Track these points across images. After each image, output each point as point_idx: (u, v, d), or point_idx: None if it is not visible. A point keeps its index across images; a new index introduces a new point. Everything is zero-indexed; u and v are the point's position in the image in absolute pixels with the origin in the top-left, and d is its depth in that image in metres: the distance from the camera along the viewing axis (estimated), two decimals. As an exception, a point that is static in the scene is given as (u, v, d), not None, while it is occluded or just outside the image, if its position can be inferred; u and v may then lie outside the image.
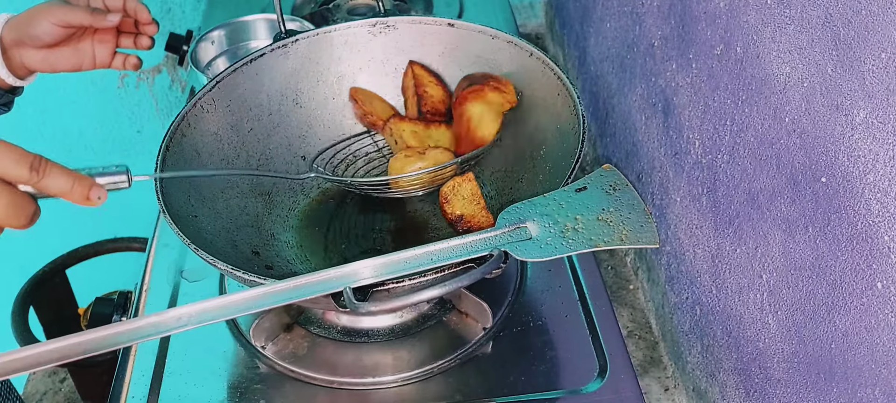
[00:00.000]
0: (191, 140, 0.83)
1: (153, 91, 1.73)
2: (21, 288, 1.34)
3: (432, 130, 0.91)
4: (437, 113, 0.93)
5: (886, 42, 0.47)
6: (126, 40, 0.85)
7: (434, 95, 0.93)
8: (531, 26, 1.53)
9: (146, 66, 1.68)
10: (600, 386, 0.78)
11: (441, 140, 0.91)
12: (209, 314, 0.59)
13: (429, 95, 0.93)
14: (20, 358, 0.54)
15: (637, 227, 0.70)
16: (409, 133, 0.91)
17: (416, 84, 0.94)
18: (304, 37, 0.92)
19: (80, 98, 1.63)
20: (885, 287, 0.50)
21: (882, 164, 0.49)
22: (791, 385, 0.64)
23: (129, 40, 0.85)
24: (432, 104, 0.93)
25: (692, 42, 0.77)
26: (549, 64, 0.85)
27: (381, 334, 0.83)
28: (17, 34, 0.79)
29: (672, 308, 0.89)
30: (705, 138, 0.76)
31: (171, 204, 0.74)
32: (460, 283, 0.63)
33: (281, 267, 0.84)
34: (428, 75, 0.94)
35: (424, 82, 0.94)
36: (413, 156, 0.87)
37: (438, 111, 0.93)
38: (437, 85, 0.94)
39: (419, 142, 0.91)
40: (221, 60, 1.11)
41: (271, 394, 0.78)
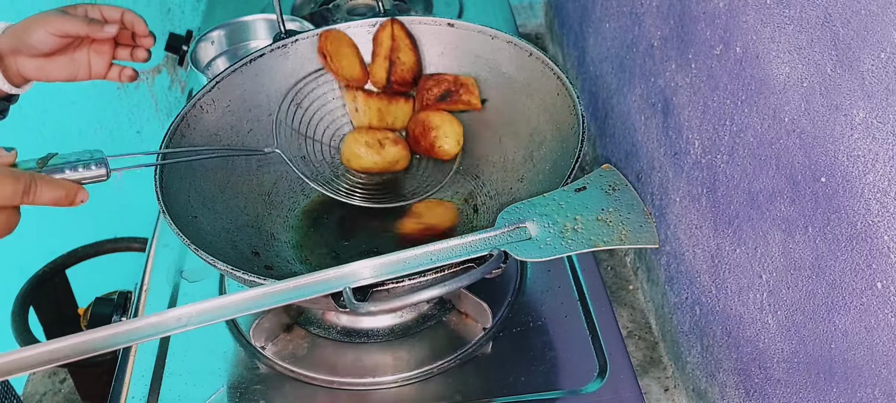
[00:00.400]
0: (190, 140, 0.83)
1: (153, 91, 1.73)
2: (21, 288, 1.34)
3: (393, 106, 0.92)
4: (404, 83, 0.92)
5: (885, 42, 0.47)
6: (122, 52, 0.85)
7: (406, 62, 0.92)
8: (531, 26, 1.53)
9: (146, 66, 1.68)
10: (600, 387, 0.78)
11: (399, 117, 0.92)
12: (209, 314, 0.59)
13: (400, 62, 0.92)
14: (20, 358, 0.54)
15: (636, 227, 0.70)
16: (374, 111, 0.92)
17: (392, 47, 0.92)
18: (304, 37, 0.92)
19: (80, 98, 1.63)
20: (884, 287, 0.50)
21: (881, 164, 0.49)
22: (791, 384, 0.64)
23: (125, 52, 0.85)
24: (401, 73, 0.92)
25: (691, 42, 0.77)
26: (548, 64, 0.85)
27: (381, 334, 0.83)
28: (14, 42, 0.79)
29: (672, 308, 0.89)
30: (705, 138, 0.76)
31: (170, 205, 0.74)
32: (460, 283, 0.63)
33: (281, 268, 0.84)
34: (405, 38, 0.92)
35: (400, 46, 0.92)
36: (373, 148, 0.90)
37: (406, 80, 0.92)
38: (411, 50, 0.92)
39: (379, 118, 0.92)
40: (221, 60, 1.11)
41: (271, 394, 0.78)
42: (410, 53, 0.92)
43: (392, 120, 0.93)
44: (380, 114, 0.92)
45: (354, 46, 0.94)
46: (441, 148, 0.90)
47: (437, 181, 0.90)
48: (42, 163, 0.67)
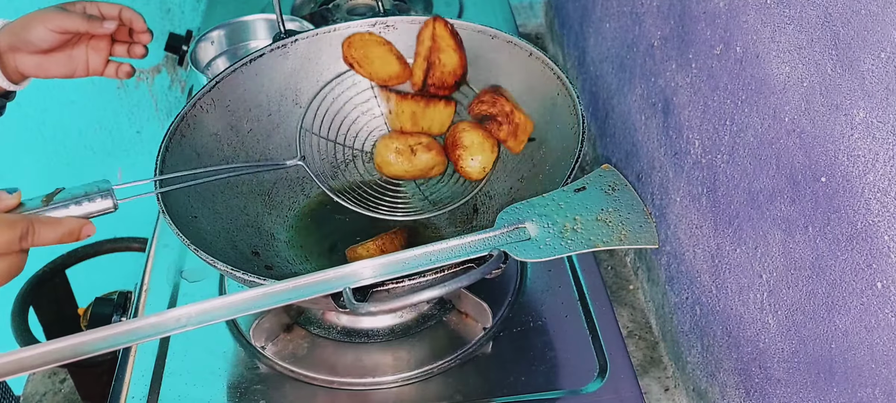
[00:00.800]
0: (190, 141, 0.83)
1: (153, 91, 1.73)
2: (21, 289, 1.35)
3: (431, 109, 0.85)
4: (442, 86, 0.86)
5: (885, 42, 0.47)
6: (120, 48, 0.85)
7: (447, 65, 0.85)
8: (531, 26, 1.53)
9: (146, 66, 1.68)
10: (600, 386, 0.77)
11: (436, 121, 0.86)
12: (209, 314, 0.59)
13: (440, 64, 0.85)
14: (20, 359, 0.54)
15: (636, 228, 0.70)
16: (408, 114, 0.86)
17: (432, 47, 0.85)
18: (304, 37, 0.92)
19: (79, 98, 1.63)
20: (884, 286, 0.50)
21: (881, 164, 0.49)
22: (791, 384, 0.64)
23: (122, 48, 0.85)
24: (441, 76, 0.85)
25: (692, 42, 0.77)
26: (548, 64, 0.85)
27: (381, 334, 0.83)
28: (12, 39, 0.79)
29: (672, 308, 0.89)
30: (705, 138, 0.76)
31: (170, 205, 0.74)
32: (460, 283, 0.63)
33: (281, 268, 0.84)
34: (448, 38, 0.85)
35: (441, 46, 0.85)
36: (404, 154, 0.85)
37: (446, 84, 0.86)
38: (454, 51, 0.85)
39: (413, 122, 0.86)
40: (221, 60, 1.11)
41: (271, 394, 0.78)
42: (453, 55, 0.85)
43: (428, 124, 0.87)
44: (414, 118, 0.86)
45: (386, 44, 0.88)
46: (463, 169, 0.85)
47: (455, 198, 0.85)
48: (47, 201, 0.66)
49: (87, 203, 0.67)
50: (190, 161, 0.82)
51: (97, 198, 0.67)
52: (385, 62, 0.88)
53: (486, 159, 0.84)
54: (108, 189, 0.67)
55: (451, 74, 0.85)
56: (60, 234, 0.65)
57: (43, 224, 0.64)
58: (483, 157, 0.84)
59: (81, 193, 0.67)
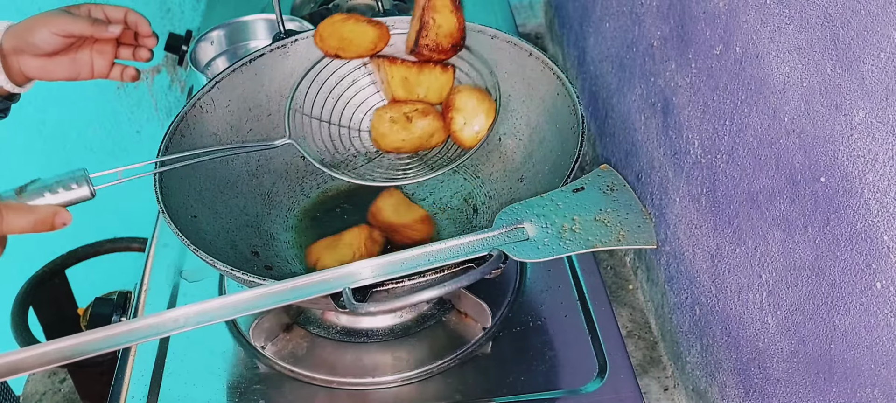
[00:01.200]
0: (190, 140, 0.83)
1: (152, 91, 1.73)
2: (21, 289, 1.34)
3: (426, 75, 0.81)
4: (437, 49, 0.80)
5: (885, 42, 0.47)
6: (125, 51, 0.85)
7: (442, 26, 0.79)
8: (531, 26, 1.53)
9: (145, 66, 1.68)
10: (600, 386, 0.77)
11: (433, 88, 0.81)
12: (208, 315, 0.59)
13: (434, 25, 0.79)
14: (20, 359, 0.54)
15: (635, 228, 0.70)
16: (399, 80, 0.82)
17: (427, 6, 0.79)
18: (304, 37, 0.92)
19: (79, 98, 1.63)
20: (884, 286, 0.50)
21: (881, 164, 0.49)
22: (790, 384, 0.64)
23: (127, 52, 0.85)
24: (435, 38, 0.80)
25: (691, 42, 0.77)
26: (548, 63, 0.85)
27: (381, 334, 0.83)
28: (17, 42, 0.79)
29: (671, 308, 0.89)
30: (705, 138, 0.76)
31: (170, 205, 0.74)
32: (459, 284, 0.63)
33: (280, 268, 0.84)
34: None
35: (437, 6, 0.79)
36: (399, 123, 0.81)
37: (440, 47, 0.80)
38: (452, 12, 0.79)
39: (406, 89, 0.82)
40: (221, 60, 1.11)
41: (271, 394, 0.78)
42: (450, 16, 0.79)
43: (424, 91, 0.82)
44: (406, 84, 0.81)
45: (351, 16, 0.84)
46: (455, 133, 0.81)
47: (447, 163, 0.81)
48: (20, 191, 0.65)
49: (62, 190, 0.65)
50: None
51: (72, 186, 0.65)
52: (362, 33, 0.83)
53: (480, 124, 0.79)
54: (84, 175, 0.66)
55: (448, 36, 0.80)
56: (32, 221, 0.63)
57: (13, 210, 0.62)
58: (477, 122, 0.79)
59: (56, 181, 0.65)
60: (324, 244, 0.82)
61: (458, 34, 0.81)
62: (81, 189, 0.66)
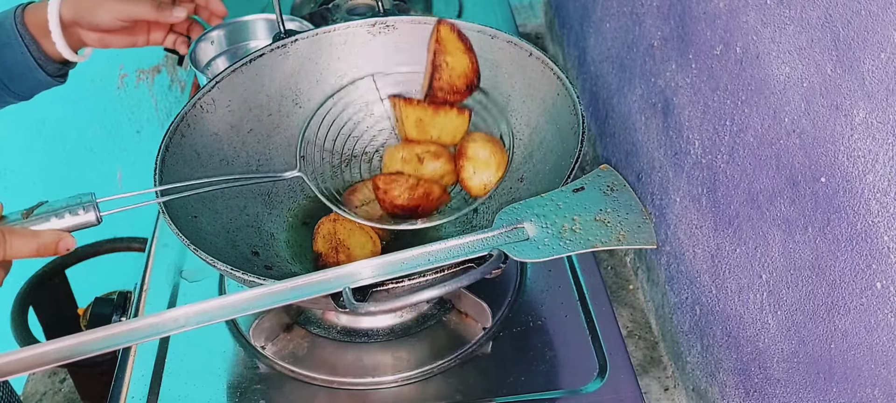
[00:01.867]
0: (190, 141, 0.83)
1: (152, 91, 1.73)
2: (20, 288, 1.34)
3: (440, 117, 0.81)
4: (451, 90, 0.80)
5: (886, 42, 0.47)
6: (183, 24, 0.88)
7: (455, 68, 0.79)
8: (531, 26, 1.53)
9: (145, 65, 1.68)
10: (600, 386, 0.77)
11: (447, 130, 0.81)
12: (208, 314, 0.59)
13: (447, 67, 0.79)
14: (20, 359, 0.54)
15: (635, 228, 0.70)
16: (413, 121, 0.81)
17: (437, 51, 0.79)
18: (304, 37, 0.92)
19: (79, 98, 1.63)
20: (884, 287, 0.50)
21: (881, 164, 0.49)
22: (791, 384, 0.64)
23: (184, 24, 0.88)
24: (448, 80, 0.80)
25: (692, 42, 0.77)
26: (548, 64, 0.85)
27: (381, 334, 0.83)
28: (77, 15, 0.82)
29: (672, 308, 0.89)
30: (705, 138, 0.76)
31: (170, 205, 0.74)
32: (459, 283, 0.63)
33: (280, 268, 0.84)
34: (456, 41, 0.80)
35: (448, 49, 0.79)
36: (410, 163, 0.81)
37: (455, 88, 0.80)
38: (464, 53, 0.80)
39: (420, 130, 0.82)
40: (221, 60, 1.11)
41: (271, 394, 0.78)
42: (462, 57, 0.79)
43: (437, 133, 0.82)
44: (420, 125, 0.81)
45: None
46: (463, 180, 0.81)
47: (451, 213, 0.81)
48: (27, 214, 0.65)
49: (68, 216, 0.65)
50: (190, 161, 0.82)
51: (79, 211, 0.65)
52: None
53: (489, 176, 0.80)
54: (92, 201, 0.66)
55: (462, 77, 0.80)
56: (35, 246, 0.63)
57: (17, 235, 0.62)
58: (487, 174, 0.80)
59: (63, 206, 0.65)
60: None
61: (472, 73, 0.81)
62: (87, 215, 0.65)
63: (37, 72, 0.83)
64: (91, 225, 0.66)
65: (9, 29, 0.80)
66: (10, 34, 0.80)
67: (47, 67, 0.84)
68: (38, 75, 0.83)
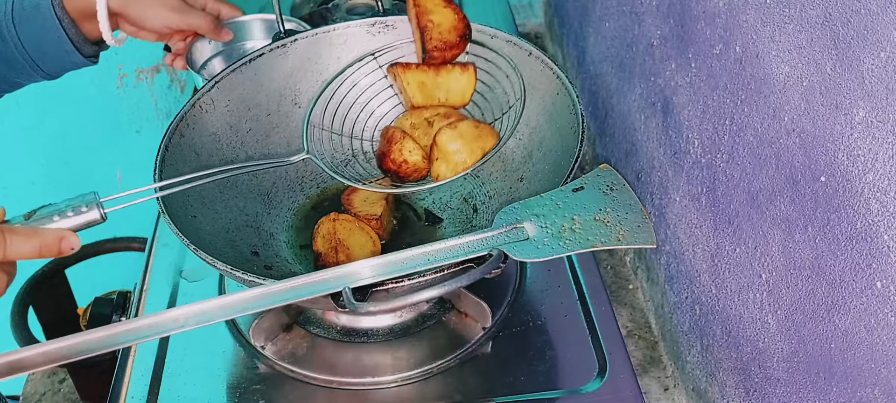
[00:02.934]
0: (189, 140, 0.83)
1: (152, 91, 1.73)
2: (20, 288, 1.34)
3: (443, 77, 0.80)
4: (446, 46, 0.79)
5: (885, 41, 0.47)
6: None
7: (442, 23, 0.78)
8: (530, 26, 1.53)
9: (145, 65, 1.68)
10: (600, 386, 0.77)
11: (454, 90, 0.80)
12: (208, 314, 0.59)
13: (435, 26, 0.78)
14: (20, 359, 0.54)
15: (634, 228, 0.70)
16: (416, 85, 0.80)
17: (418, 14, 0.79)
18: (303, 37, 0.92)
19: (79, 98, 1.63)
20: (884, 286, 0.50)
21: (881, 163, 0.49)
22: (791, 384, 0.64)
23: None
24: (440, 36, 0.79)
25: (691, 41, 0.77)
26: (548, 63, 0.85)
27: (381, 334, 0.83)
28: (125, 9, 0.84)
29: (671, 307, 0.89)
30: (704, 138, 0.76)
31: (170, 205, 0.74)
32: (459, 283, 0.63)
33: (280, 267, 0.84)
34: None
35: (428, 9, 0.78)
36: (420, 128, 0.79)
37: (449, 43, 0.79)
38: (445, 7, 0.79)
39: (425, 95, 0.80)
40: (217, 61, 1.11)
41: (271, 394, 0.78)
42: (445, 11, 0.78)
43: (444, 96, 0.80)
44: (425, 90, 0.79)
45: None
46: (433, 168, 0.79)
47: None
48: (29, 216, 0.64)
49: (72, 214, 0.64)
50: (189, 161, 0.82)
51: (82, 209, 0.64)
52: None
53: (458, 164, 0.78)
54: (95, 200, 0.65)
55: (451, 30, 0.79)
56: (37, 245, 0.61)
57: (17, 234, 0.61)
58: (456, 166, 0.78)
59: (66, 205, 0.64)
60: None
61: (461, 24, 0.80)
62: (91, 212, 0.64)
63: (73, 54, 0.84)
64: (96, 223, 0.65)
65: (46, 11, 0.81)
66: (46, 16, 0.81)
67: (84, 49, 0.85)
68: (74, 57, 0.85)
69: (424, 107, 0.82)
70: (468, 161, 0.77)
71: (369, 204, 0.84)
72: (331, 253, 0.81)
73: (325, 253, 0.81)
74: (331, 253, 0.81)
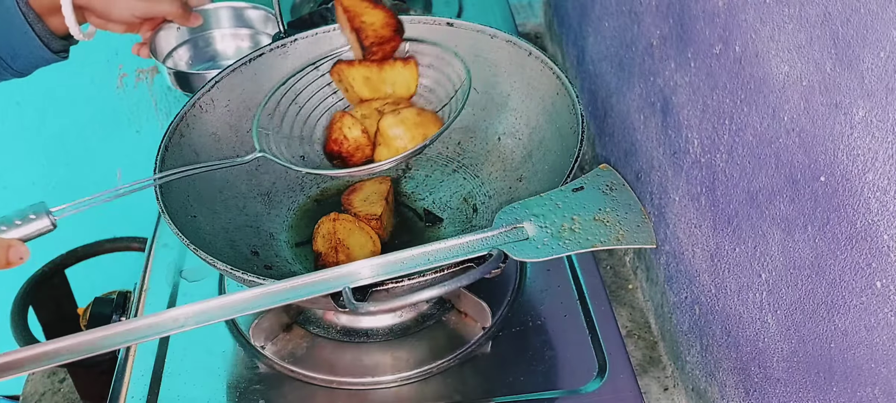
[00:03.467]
0: (189, 140, 0.83)
1: (152, 91, 1.73)
2: (20, 288, 1.34)
3: (387, 71, 0.83)
4: (383, 40, 0.82)
5: (885, 40, 0.47)
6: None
7: (374, 22, 0.82)
8: (530, 26, 1.53)
9: (144, 65, 1.68)
10: (599, 386, 0.77)
11: (399, 83, 0.83)
12: (208, 315, 0.59)
13: (367, 24, 0.81)
14: (20, 359, 0.54)
15: (634, 227, 0.70)
16: (362, 80, 0.82)
17: (349, 18, 0.82)
18: (304, 36, 0.92)
19: (79, 98, 1.63)
20: (884, 286, 0.50)
21: (881, 163, 0.49)
22: (790, 384, 0.64)
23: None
24: (375, 33, 0.82)
25: (691, 41, 0.77)
26: (547, 63, 0.85)
27: (381, 334, 0.83)
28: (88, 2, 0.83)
29: (671, 307, 0.89)
30: (704, 137, 0.76)
31: (170, 205, 0.74)
32: (459, 283, 0.63)
33: (280, 267, 0.84)
34: (358, 2, 0.83)
35: (357, 12, 0.82)
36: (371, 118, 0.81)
37: (385, 38, 0.82)
38: (374, 8, 0.82)
39: (371, 89, 0.83)
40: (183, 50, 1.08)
41: (271, 394, 0.78)
42: (374, 12, 0.82)
43: (391, 88, 0.84)
44: (371, 84, 0.82)
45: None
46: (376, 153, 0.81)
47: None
48: None
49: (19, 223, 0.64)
50: (189, 160, 0.82)
51: (31, 218, 0.64)
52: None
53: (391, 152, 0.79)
54: (44, 209, 0.65)
55: (384, 26, 0.82)
56: None
57: None
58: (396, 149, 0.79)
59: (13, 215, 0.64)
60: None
61: (392, 20, 0.83)
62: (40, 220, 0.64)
63: (41, 50, 0.84)
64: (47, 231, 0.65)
65: (10, 8, 0.81)
66: (12, 13, 0.81)
67: (52, 45, 0.84)
68: (43, 53, 0.84)
69: (373, 100, 0.84)
70: (409, 146, 0.78)
71: (369, 204, 0.85)
72: (331, 253, 0.81)
73: (325, 253, 0.81)
74: (331, 252, 0.81)
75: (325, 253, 0.81)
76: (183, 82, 1.01)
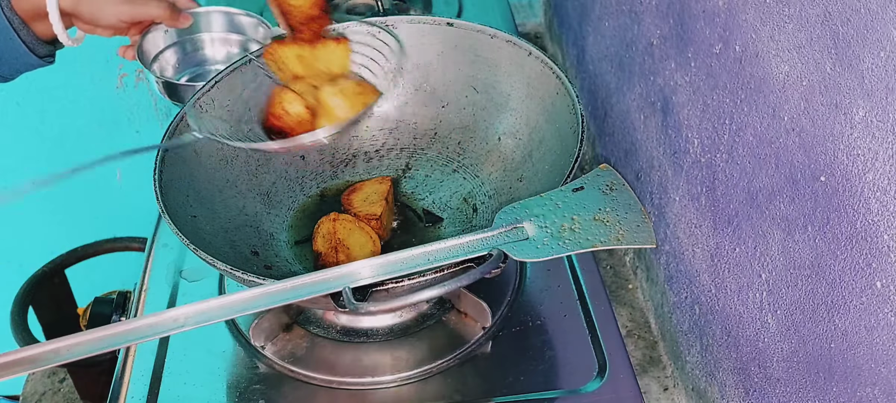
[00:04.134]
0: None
1: (152, 91, 1.73)
2: (20, 288, 1.34)
3: (319, 50, 0.83)
4: (311, 19, 0.83)
5: (885, 40, 0.47)
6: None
7: (302, 4, 0.82)
8: (530, 26, 1.53)
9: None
10: (599, 386, 0.77)
11: (334, 62, 0.83)
12: (208, 315, 0.59)
13: (294, 7, 0.82)
14: (20, 359, 0.54)
15: (634, 227, 0.70)
16: (295, 58, 0.82)
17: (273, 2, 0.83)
18: (303, 36, 0.92)
19: (79, 98, 1.63)
20: (884, 286, 0.50)
21: (881, 163, 0.49)
22: (790, 384, 0.64)
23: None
24: (301, 14, 0.82)
25: (691, 41, 0.77)
26: (547, 63, 0.85)
27: (381, 334, 0.83)
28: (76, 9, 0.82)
29: (671, 307, 0.89)
30: (704, 137, 0.76)
31: (169, 205, 0.74)
32: (459, 283, 0.63)
33: (280, 267, 0.84)
34: None
35: None
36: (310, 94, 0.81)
37: (311, 16, 0.83)
38: None
39: (305, 66, 0.83)
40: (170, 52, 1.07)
41: (270, 394, 0.78)
42: None
43: (325, 66, 0.83)
44: (304, 61, 0.82)
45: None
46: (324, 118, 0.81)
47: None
48: None
49: None
50: (189, 160, 0.82)
51: None
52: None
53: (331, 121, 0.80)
54: None
55: (311, 5, 0.82)
56: None
57: None
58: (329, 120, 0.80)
59: None
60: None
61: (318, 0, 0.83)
62: None
63: (26, 56, 0.83)
64: None
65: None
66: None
67: (38, 50, 0.84)
68: (28, 58, 0.84)
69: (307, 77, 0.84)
70: (350, 115, 0.80)
71: (369, 204, 0.85)
72: (331, 253, 0.81)
73: (325, 253, 0.81)
74: (331, 252, 0.81)
75: (325, 253, 0.81)
76: (171, 91, 1.00)
